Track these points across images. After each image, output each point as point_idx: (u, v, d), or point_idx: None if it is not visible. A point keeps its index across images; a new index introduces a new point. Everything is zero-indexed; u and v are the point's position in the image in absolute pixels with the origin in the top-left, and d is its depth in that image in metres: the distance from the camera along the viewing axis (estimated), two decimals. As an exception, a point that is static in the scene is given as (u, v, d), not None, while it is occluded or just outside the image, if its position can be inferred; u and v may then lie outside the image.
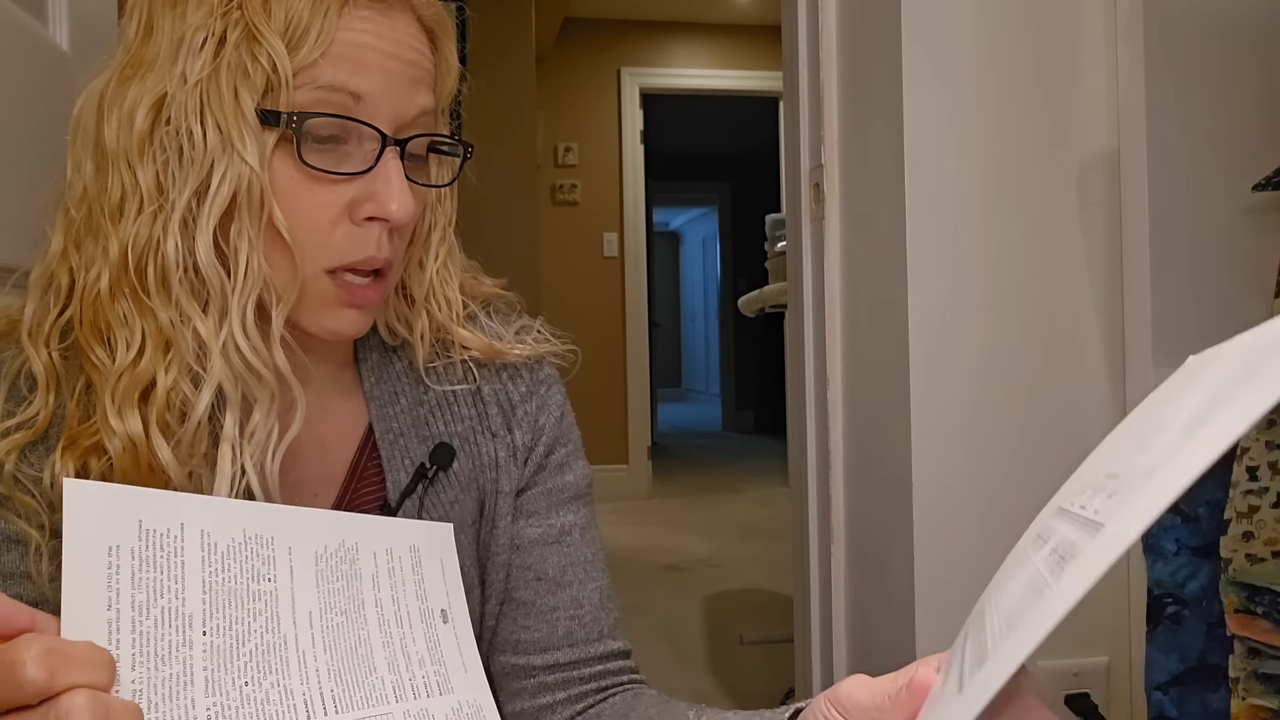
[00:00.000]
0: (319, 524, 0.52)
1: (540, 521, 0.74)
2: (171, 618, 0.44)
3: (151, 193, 0.58)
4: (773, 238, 2.91)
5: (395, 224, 0.62)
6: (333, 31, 0.58)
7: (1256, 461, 1.13)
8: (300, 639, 0.48)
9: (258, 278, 0.58)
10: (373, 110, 0.60)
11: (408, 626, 0.53)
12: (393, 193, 0.61)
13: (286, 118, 0.58)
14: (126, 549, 0.44)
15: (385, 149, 0.61)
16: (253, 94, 0.57)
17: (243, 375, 0.59)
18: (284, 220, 0.58)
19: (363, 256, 0.62)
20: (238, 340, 0.58)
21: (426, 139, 0.65)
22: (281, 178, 0.59)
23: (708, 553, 3.82)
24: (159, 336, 0.58)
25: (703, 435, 8.18)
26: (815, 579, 1.63)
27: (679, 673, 2.52)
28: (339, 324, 0.63)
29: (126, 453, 0.57)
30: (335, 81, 0.59)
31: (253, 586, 0.47)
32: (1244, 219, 1.24)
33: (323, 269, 0.61)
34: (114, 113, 0.58)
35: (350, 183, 0.61)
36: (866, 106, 1.45)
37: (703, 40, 5.22)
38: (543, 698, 0.73)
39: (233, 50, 0.57)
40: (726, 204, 8.47)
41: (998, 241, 1.34)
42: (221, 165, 0.57)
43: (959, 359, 1.33)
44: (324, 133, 0.60)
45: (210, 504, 0.49)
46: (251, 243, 0.58)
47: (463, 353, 0.73)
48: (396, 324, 0.72)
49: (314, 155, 0.59)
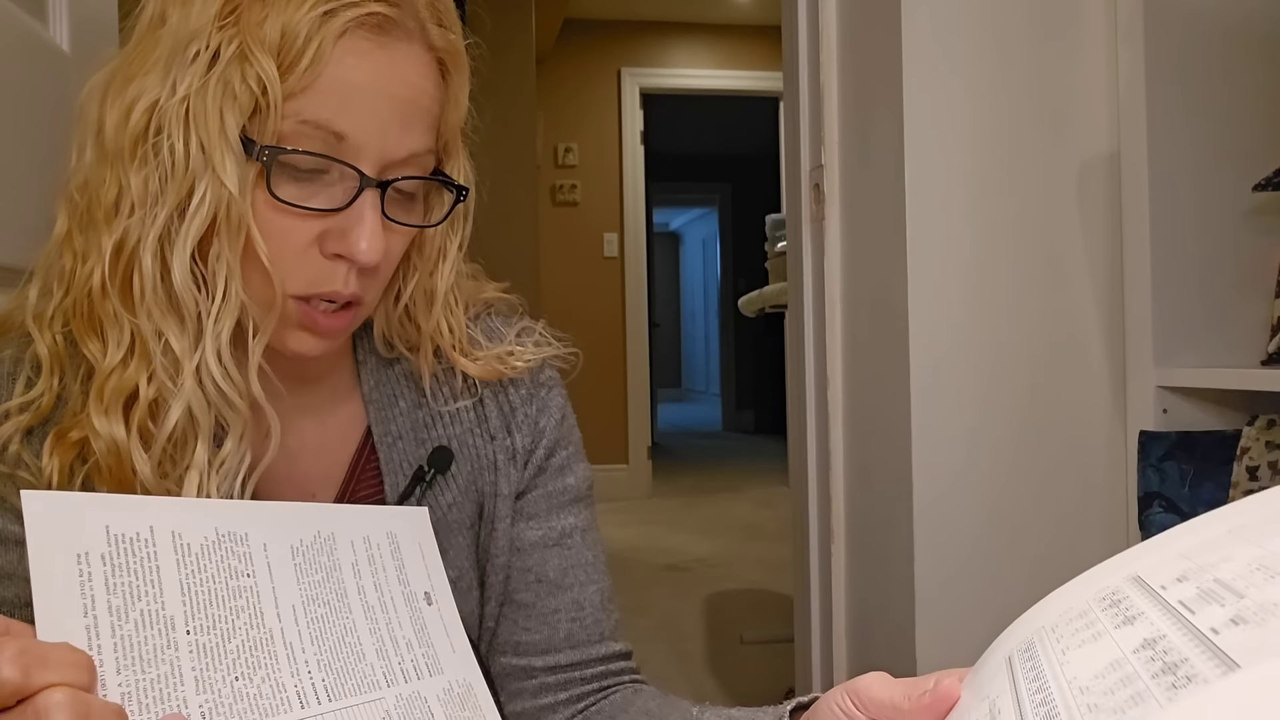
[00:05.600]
0: (293, 517, 0.52)
1: (541, 524, 0.74)
2: (152, 620, 0.44)
3: (141, 198, 0.57)
4: (773, 238, 2.91)
5: (361, 264, 0.60)
6: (325, 61, 0.56)
7: (1256, 461, 1.13)
8: (286, 632, 0.48)
9: (235, 304, 0.57)
10: (355, 151, 0.58)
11: (392, 612, 0.53)
12: (363, 233, 0.58)
13: (259, 150, 0.56)
14: (96, 555, 0.43)
15: (363, 190, 0.59)
16: (239, 115, 0.56)
17: (215, 401, 0.58)
18: (264, 247, 0.57)
19: (328, 290, 0.60)
20: (210, 365, 0.57)
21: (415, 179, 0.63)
22: (258, 203, 0.58)
23: (708, 553, 3.81)
24: (142, 344, 0.57)
25: (703, 435, 8.18)
26: (815, 579, 1.63)
27: (679, 673, 2.52)
28: (297, 345, 0.62)
29: (110, 455, 0.57)
30: (319, 119, 0.57)
31: (232, 584, 0.47)
32: (1244, 219, 1.24)
33: (289, 294, 0.60)
34: (115, 105, 0.58)
35: (322, 217, 0.59)
36: (866, 106, 1.45)
37: (703, 40, 5.21)
38: (544, 698, 0.73)
39: (224, 67, 0.56)
40: (726, 204, 8.47)
41: (998, 242, 1.34)
42: (202, 185, 0.56)
43: (959, 359, 1.33)
44: (305, 166, 0.58)
45: (179, 504, 0.49)
46: (230, 267, 0.57)
47: (461, 379, 0.72)
48: (396, 341, 0.71)
49: (288, 187, 0.58)
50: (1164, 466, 1.19)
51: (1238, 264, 1.23)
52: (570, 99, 5.01)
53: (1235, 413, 1.21)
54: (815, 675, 1.63)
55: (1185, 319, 1.22)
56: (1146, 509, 1.20)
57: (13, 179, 0.81)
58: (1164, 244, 1.22)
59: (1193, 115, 1.23)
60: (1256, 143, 1.24)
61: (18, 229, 0.78)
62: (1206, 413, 1.21)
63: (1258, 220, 1.24)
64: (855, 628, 1.53)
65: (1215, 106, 1.24)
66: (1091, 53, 1.34)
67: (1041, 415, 1.35)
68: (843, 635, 1.55)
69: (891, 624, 1.40)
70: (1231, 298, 1.23)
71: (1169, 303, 1.22)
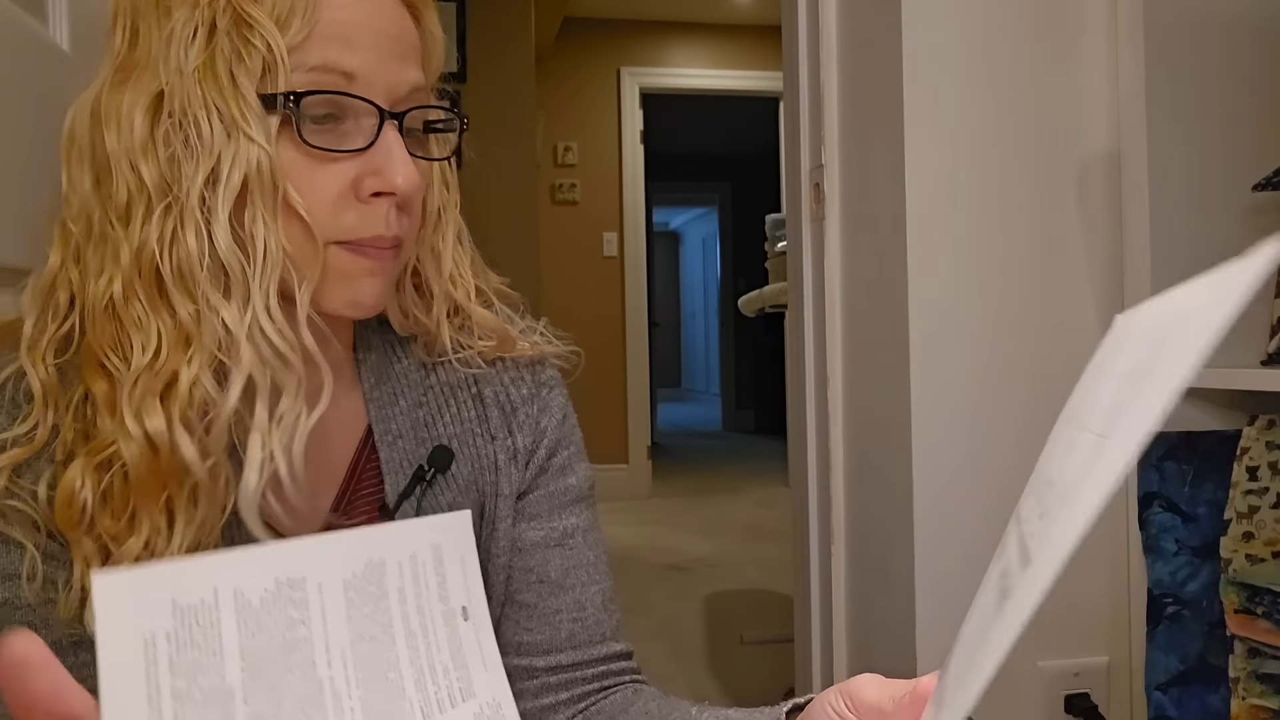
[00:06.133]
0: (345, 548, 0.51)
1: (543, 524, 0.74)
2: (213, 698, 0.43)
3: (161, 189, 0.57)
4: (773, 238, 2.91)
5: (402, 196, 0.61)
6: (318, 10, 0.58)
7: (1256, 461, 1.13)
8: (335, 680, 0.47)
9: (277, 259, 0.58)
10: (367, 86, 0.60)
11: (432, 635, 0.53)
12: (397, 165, 0.60)
13: (283, 99, 0.57)
14: (162, 635, 0.42)
15: (384, 123, 0.61)
16: (250, 78, 0.57)
17: (270, 360, 0.58)
18: (299, 198, 0.58)
19: (372, 234, 0.61)
20: (263, 324, 0.58)
21: (422, 112, 0.65)
22: (285, 161, 0.59)
23: (708, 553, 3.82)
24: (178, 333, 0.57)
25: (703, 435, 8.18)
26: (815, 579, 1.63)
27: (679, 673, 2.52)
28: (359, 294, 0.62)
29: (144, 456, 0.56)
30: (326, 61, 0.58)
31: (288, 636, 0.46)
32: (1244, 219, 1.24)
33: (334, 240, 0.61)
34: (111, 119, 0.58)
35: (353, 160, 0.60)
36: (866, 106, 1.45)
37: (703, 40, 5.22)
38: (544, 698, 0.73)
39: (224, 37, 0.57)
40: (726, 204, 8.47)
41: (998, 242, 1.34)
42: (230, 150, 0.57)
43: (959, 359, 1.33)
44: (321, 112, 0.59)
45: (238, 559, 0.48)
46: (267, 224, 0.58)
47: (477, 339, 0.72)
48: (413, 309, 0.71)
49: (314, 135, 0.59)
50: (1164, 466, 1.19)
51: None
52: (570, 98, 5.01)
53: (1235, 413, 1.21)
54: (815, 675, 1.63)
55: (1185, 319, 1.22)
56: (1146, 509, 1.20)
57: (12, 179, 0.81)
58: (1164, 244, 1.22)
59: (1192, 115, 1.23)
60: (1256, 142, 1.24)
61: (18, 229, 0.78)
62: (1206, 413, 1.21)
63: (1257, 220, 1.25)
64: (855, 628, 1.53)
65: (1215, 106, 1.24)
66: (1091, 53, 1.34)
67: (1042, 416, 1.34)
68: (843, 635, 1.55)
69: (891, 624, 1.40)
70: (1231, 298, 1.23)
71: (1169, 303, 1.22)
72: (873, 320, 1.45)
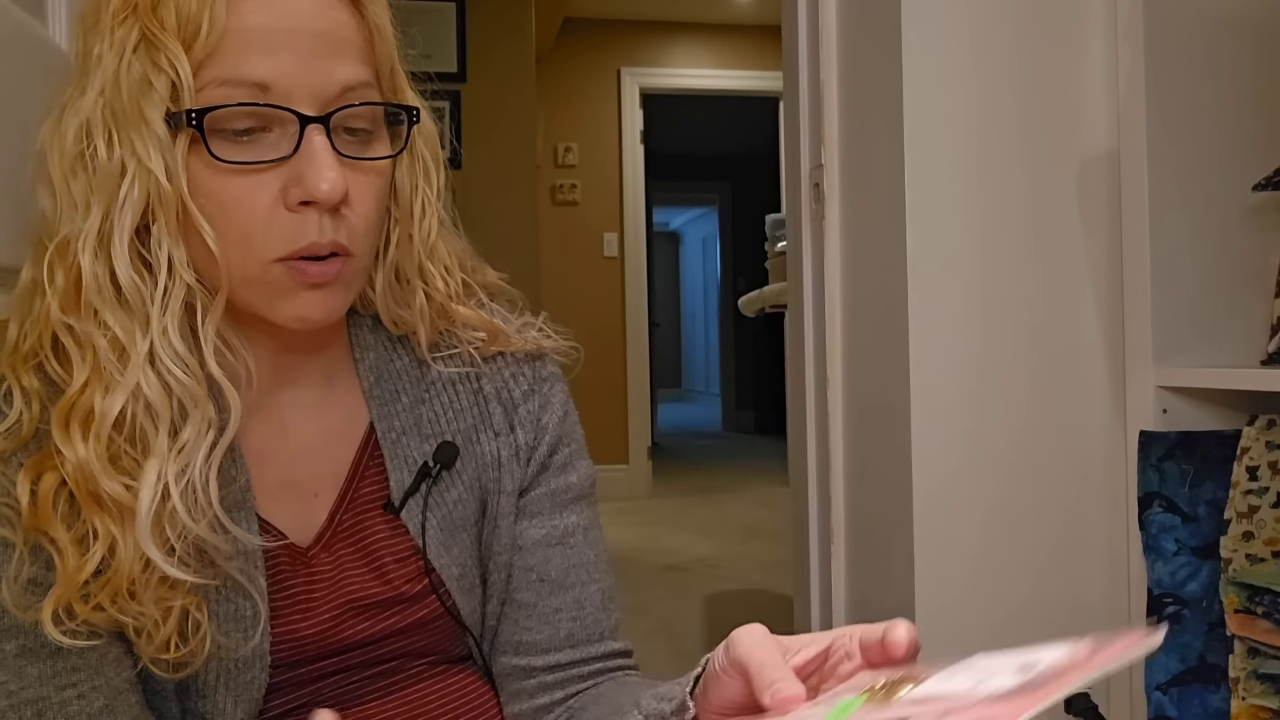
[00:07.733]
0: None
1: (543, 522, 0.74)
2: None
3: (72, 207, 0.58)
4: (773, 238, 2.91)
5: (326, 204, 0.59)
6: (223, 21, 0.56)
7: (1256, 461, 1.13)
8: None
9: (180, 283, 0.58)
10: (285, 94, 0.58)
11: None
12: (320, 171, 0.58)
13: (185, 116, 0.56)
14: None
15: (305, 129, 0.58)
16: (158, 99, 0.56)
17: (171, 385, 0.58)
18: (204, 222, 0.57)
19: (305, 244, 0.59)
20: (160, 349, 0.57)
21: (372, 110, 0.62)
22: (203, 177, 0.58)
23: (708, 553, 3.81)
24: (96, 360, 0.57)
25: (703, 435, 8.18)
26: (815, 579, 1.63)
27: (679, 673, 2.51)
28: (303, 309, 0.61)
29: (78, 477, 0.56)
30: (237, 75, 0.57)
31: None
32: (1244, 219, 1.24)
33: (271, 259, 0.59)
34: (54, 139, 0.59)
35: (276, 170, 0.59)
36: (866, 106, 1.45)
37: (703, 40, 5.21)
38: (542, 698, 0.73)
39: (131, 56, 0.56)
40: (726, 204, 8.47)
41: (998, 241, 1.34)
42: (129, 175, 0.57)
43: (959, 359, 1.33)
44: (242, 125, 0.58)
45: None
46: (171, 248, 0.57)
47: (466, 332, 0.72)
48: (397, 308, 0.70)
49: (228, 148, 0.58)
50: (1164, 466, 1.19)
51: (1238, 263, 1.23)
52: (570, 98, 5.01)
53: (1235, 413, 1.21)
54: (815, 675, 1.63)
55: (1185, 318, 1.22)
56: (1146, 509, 1.20)
57: (11, 179, 0.81)
58: (1163, 243, 1.22)
59: (1192, 114, 1.23)
60: (1256, 142, 1.24)
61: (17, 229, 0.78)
62: (1206, 413, 1.21)
63: (1257, 219, 1.24)
64: (855, 627, 1.53)
65: (1215, 105, 1.23)
66: (1091, 51, 1.34)
67: (1041, 415, 1.34)
68: (843, 635, 1.55)
69: (891, 624, 1.40)
70: (1231, 297, 1.23)
71: (1169, 302, 1.22)
72: (872, 320, 1.45)
